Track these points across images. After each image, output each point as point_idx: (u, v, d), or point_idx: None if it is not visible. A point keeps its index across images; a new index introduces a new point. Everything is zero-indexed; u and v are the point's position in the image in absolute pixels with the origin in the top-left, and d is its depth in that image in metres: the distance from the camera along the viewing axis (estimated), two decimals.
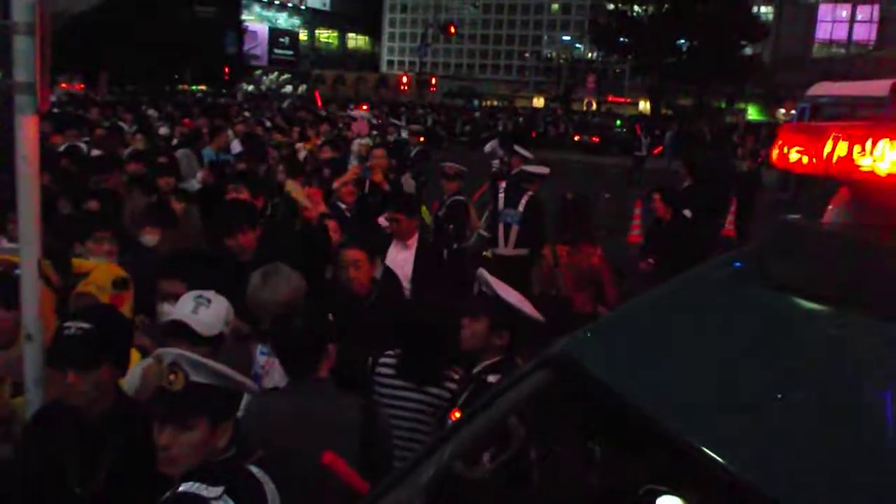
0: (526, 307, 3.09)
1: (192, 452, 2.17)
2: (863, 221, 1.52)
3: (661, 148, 31.60)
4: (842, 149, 1.42)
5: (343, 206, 6.80)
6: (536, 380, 1.87)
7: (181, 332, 2.82)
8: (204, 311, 2.89)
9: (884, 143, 1.34)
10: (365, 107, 30.52)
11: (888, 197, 1.42)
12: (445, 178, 7.73)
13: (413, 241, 5.53)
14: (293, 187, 6.83)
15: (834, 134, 1.45)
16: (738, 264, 2.00)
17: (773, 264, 1.68)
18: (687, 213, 8.43)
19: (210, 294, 3.00)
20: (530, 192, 7.25)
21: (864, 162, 1.38)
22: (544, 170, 7.78)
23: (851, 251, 1.50)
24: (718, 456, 1.30)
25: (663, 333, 1.84)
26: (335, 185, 7.26)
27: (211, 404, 2.20)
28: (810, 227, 1.60)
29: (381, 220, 6.06)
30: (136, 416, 2.52)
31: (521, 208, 7.09)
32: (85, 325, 2.45)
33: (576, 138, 39.89)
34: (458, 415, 2.83)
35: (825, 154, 1.44)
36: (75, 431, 2.49)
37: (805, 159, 1.52)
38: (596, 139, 38.95)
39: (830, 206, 1.60)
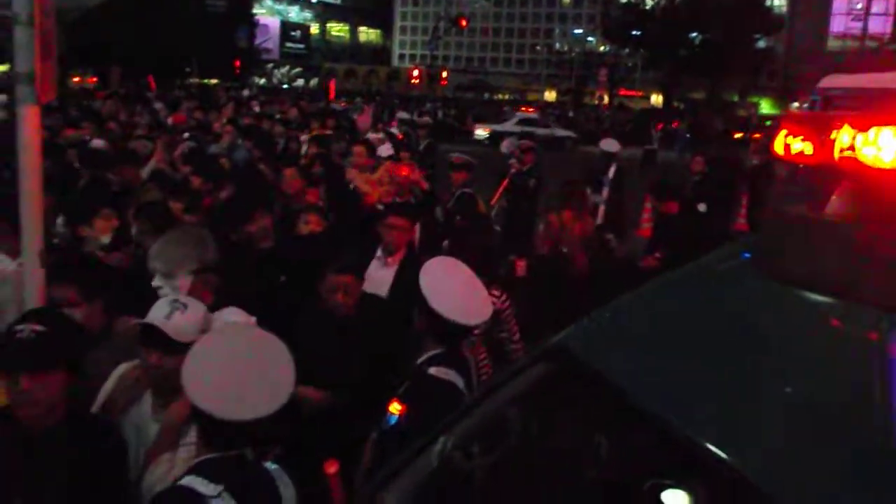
0: (445, 306, 2.84)
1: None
2: (864, 213, 1.49)
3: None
4: (845, 139, 1.39)
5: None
6: (536, 372, 1.86)
7: (155, 339, 2.64)
8: (179, 315, 2.69)
9: (888, 133, 1.31)
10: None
11: (890, 189, 1.40)
12: (452, 168, 7.69)
13: (396, 259, 4.77)
14: (354, 175, 6.96)
15: (838, 123, 1.42)
16: (746, 255, 1.98)
17: (773, 257, 1.66)
18: (702, 207, 8.38)
19: (186, 298, 2.84)
20: None
21: (867, 152, 1.35)
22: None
23: (852, 244, 1.47)
24: (719, 450, 1.28)
25: (663, 325, 1.83)
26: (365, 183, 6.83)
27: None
28: (811, 220, 1.57)
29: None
30: (90, 428, 2.45)
31: None
32: (38, 328, 2.32)
33: None
34: (397, 405, 2.81)
35: (828, 144, 1.41)
36: (17, 444, 2.33)
37: (808, 149, 1.49)
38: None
39: (833, 197, 1.58)
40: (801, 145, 1.48)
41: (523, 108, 49.27)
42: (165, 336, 2.62)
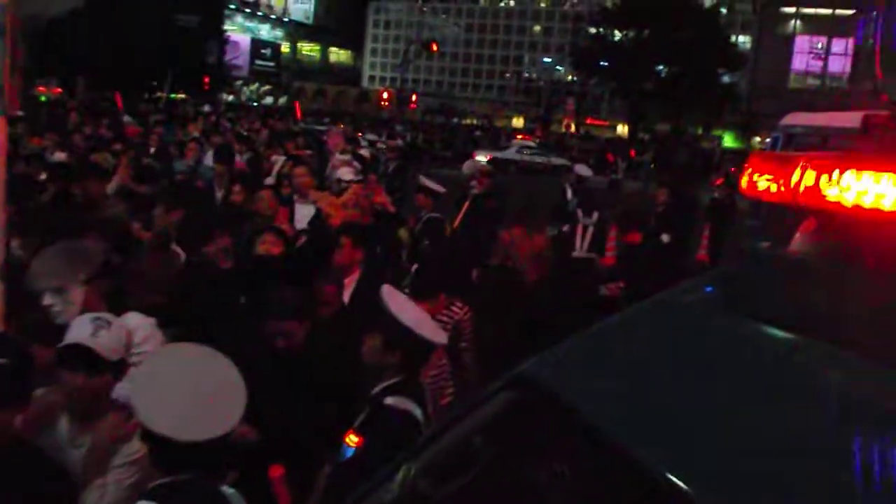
0: (425, 329, 2.93)
1: None
2: (829, 251, 1.53)
3: None
4: (809, 178, 1.42)
5: None
6: (501, 401, 1.86)
7: (79, 359, 2.52)
8: (105, 333, 2.58)
9: (850, 175, 1.35)
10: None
11: (854, 228, 1.43)
12: (423, 192, 7.71)
13: (351, 281, 4.70)
14: (318, 196, 6.87)
15: (802, 163, 1.46)
16: (708, 289, 2.01)
17: (739, 291, 1.69)
18: (665, 237, 8.49)
19: (108, 315, 2.73)
20: None
21: (831, 192, 1.39)
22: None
23: (818, 280, 1.50)
24: (682, 482, 1.29)
25: (629, 357, 1.84)
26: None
27: None
28: (777, 256, 1.61)
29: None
30: (34, 462, 2.35)
31: None
32: (2, 360, 2.23)
33: None
34: (353, 437, 2.79)
35: (793, 183, 1.44)
36: None
37: (773, 187, 1.53)
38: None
39: (797, 235, 1.61)
40: (766, 183, 1.52)
41: (520, 136, 49.55)
42: (92, 355, 2.52)
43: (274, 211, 6.06)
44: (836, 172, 1.37)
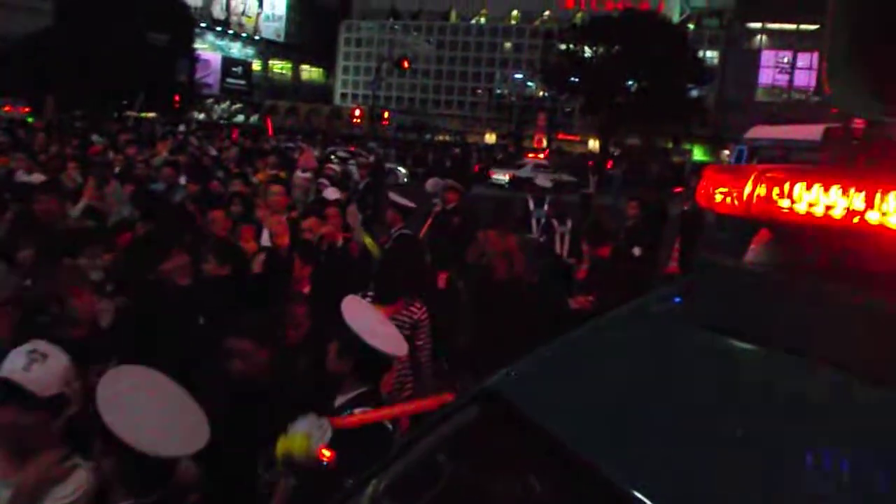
0: (377, 339, 2.91)
1: None
2: (782, 261, 1.55)
3: None
4: (762, 190, 1.44)
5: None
6: (465, 416, 1.85)
7: (11, 394, 2.38)
8: (38, 367, 2.42)
9: (800, 187, 1.37)
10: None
11: (806, 237, 1.45)
12: (393, 208, 7.79)
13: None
14: (264, 216, 6.84)
15: (755, 175, 1.48)
16: (678, 300, 2.02)
17: (696, 303, 1.71)
18: (636, 250, 8.57)
19: (45, 346, 2.54)
20: None
21: (784, 204, 1.41)
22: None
23: (772, 291, 1.52)
24: (648, 499, 1.29)
25: (596, 369, 1.85)
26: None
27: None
28: (731, 267, 1.62)
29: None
30: None
31: None
32: None
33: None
34: (326, 451, 2.76)
35: (746, 195, 1.46)
36: None
37: (728, 200, 1.55)
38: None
39: (752, 246, 1.63)
40: (721, 196, 1.54)
41: (531, 155, 49.66)
42: (24, 391, 2.38)
43: (225, 230, 6.04)
44: (787, 184, 1.39)
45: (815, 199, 1.35)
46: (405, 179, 32.67)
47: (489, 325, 5.78)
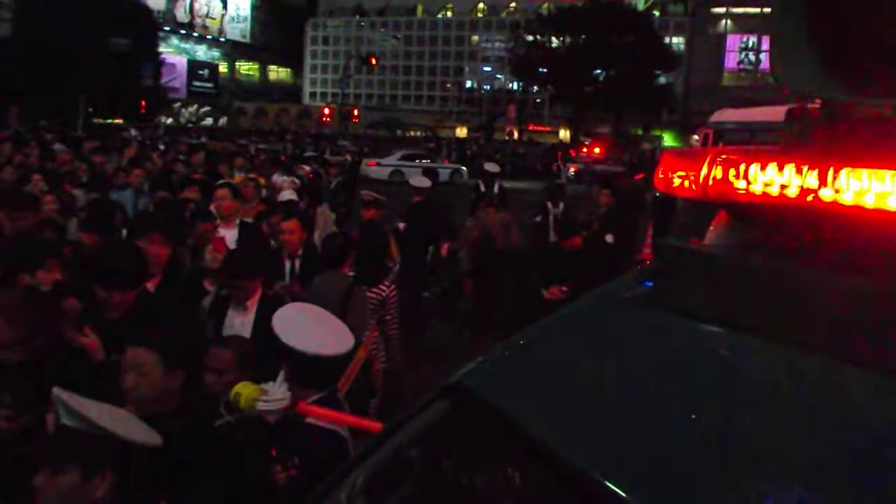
0: (317, 347, 2.85)
1: (62, 499, 2.03)
2: (740, 242, 1.56)
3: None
4: (718, 172, 1.45)
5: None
6: (435, 410, 1.84)
7: None
8: None
9: (755, 168, 1.37)
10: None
11: (762, 217, 1.46)
12: (363, 205, 7.84)
13: (254, 302, 4.58)
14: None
15: (710, 158, 1.48)
16: (648, 284, 2.01)
17: (662, 287, 1.71)
18: (609, 238, 8.61)
19: None
20: None
21: (740, 185, 1.41)
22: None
23: (731, 272, 1.53)
24: (619, 489, 1.29)
25: (564, 358, 1.84)
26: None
27: (82, 451, 2.06)
28: (691, 250, 1.63)
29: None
30: None
31: None
32: None
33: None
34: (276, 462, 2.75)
35: (702, 177, 1.46)
36: None
37: (686, 183, 1.55)
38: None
39: (711, 228, 1.64)
40: (678, 180, 1.54)
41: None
42: None
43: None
44: (742, 165, 1.39)
45: (770, 180, 1.35)
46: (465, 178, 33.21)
47: (489, 286, 7.13)
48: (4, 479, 2.41)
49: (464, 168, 36.68)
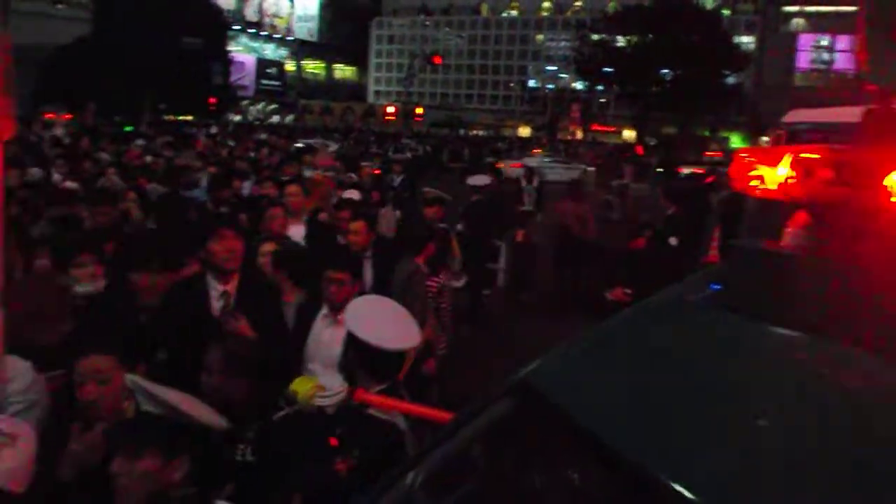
0: (383, 340, 2.91)
1: (142, 483, 2.09)
2: (819, 244, 1.51)
3: None
4: (797, 172, 1.41)
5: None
6: (499, 409, 1.84)
7: None
8: (7, 452, 2.04)
9: (835, 168, 1.34)
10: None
11: (844, 218, 1.42)
12: (425, 203, 7.80)
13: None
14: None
15: (789, 159, 1.44)
16: (715, 286, 1.97)
17: (735, 289, 1.67)
18: (673, 240, 8.46)
19: (9, 425, 2.16)
20: None
21: (819, 185, 1.38)
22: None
23: (812, 275, 1.49)
24: (689, 491, 1.27)
25: (630, 360, 1.82)
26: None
27: (161, 436, 2.12)
28: (769, 252, 1.59)
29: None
30: None
31: None
32: None
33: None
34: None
35: (780, 177, 1.43)
36: None
37: (763, 184, 1.51)
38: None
39: (788, 229, 1.60)
40: (753, 179, 1.51)
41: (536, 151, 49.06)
42: None
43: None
44: (821, 165, 1.36)
45: (850, 180, 1.31)
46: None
47: (566, 270, 8.53)
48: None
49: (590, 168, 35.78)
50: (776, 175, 1.43)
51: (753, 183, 1.57)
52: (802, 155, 1.41)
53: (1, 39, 2.35)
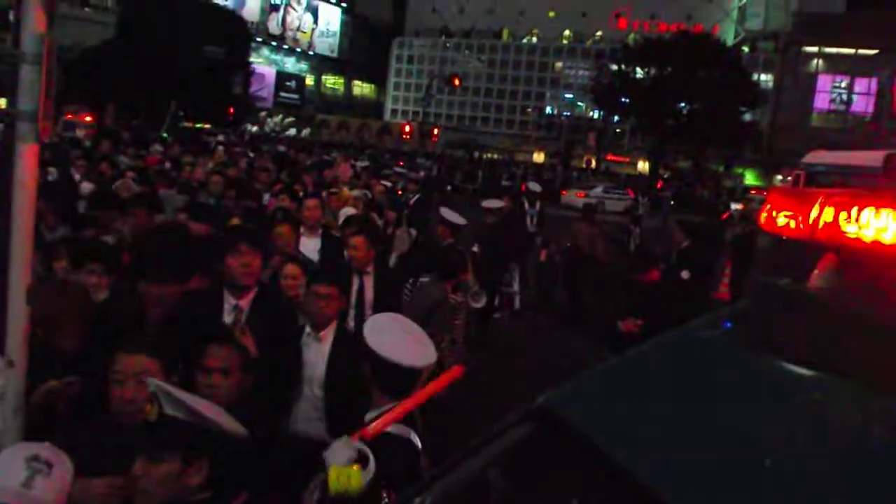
0: (405, 355, 2.96)
1: (162, 486, 2.11)
2: (848, 287, 1.53)
3: None
4: (828, 215, 1.43)
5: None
6: (518, 433, 1.85)
7: None
8: (42, 482, 2.04)
9: (869, 212, 1.36)
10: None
11: (873, 263, 1.43)
12: (442, 224, 7.86)
13: (329, 332, 4.27)
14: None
15: (821, 199, 1.47)
16: (727, 325, 2.00)
17: (758, 327, 1.69)
18: (685, 274, 8.46)
19: (49, 452, 2.15)
20: None
21: (850, 229, 1.40)
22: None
23: (837, 317, 1.50)
24: None
25: (648, 392, 1.84)
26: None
27: (183, 440, 2.14)
28: (796, 292, 1.61)
29: None
30: None
31: None
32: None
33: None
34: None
35: (812, 219, 1.45)
36: None
37: (792, 224, 1.54)
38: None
39: (816, 271, 1.61)
40: (785, 219, 1.53)
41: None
42: None
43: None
44: (854, 209, 1.38)
45: (884, 225, 1.33)
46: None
47: (577, 285, 9.52)
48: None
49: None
50: (808, 217, 1.45)
51: (782, 223, 1.59)
52: (835, 198, 1.44)
53: (47, 44, 2.40)
